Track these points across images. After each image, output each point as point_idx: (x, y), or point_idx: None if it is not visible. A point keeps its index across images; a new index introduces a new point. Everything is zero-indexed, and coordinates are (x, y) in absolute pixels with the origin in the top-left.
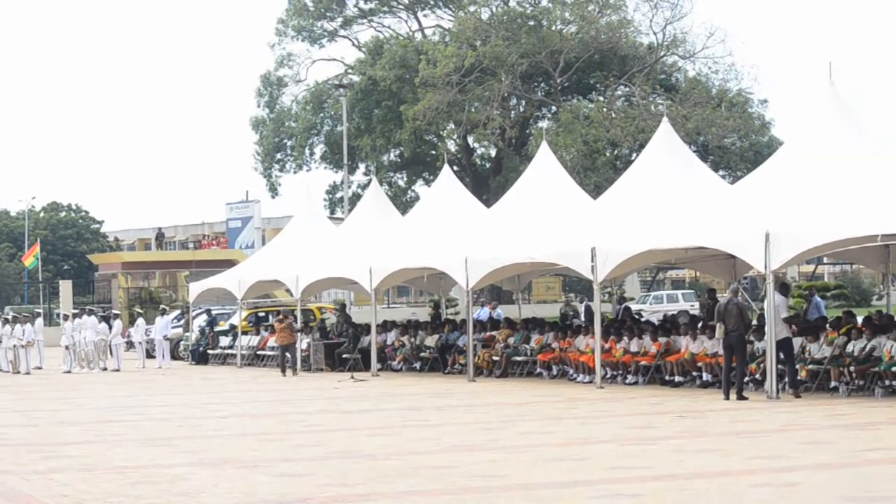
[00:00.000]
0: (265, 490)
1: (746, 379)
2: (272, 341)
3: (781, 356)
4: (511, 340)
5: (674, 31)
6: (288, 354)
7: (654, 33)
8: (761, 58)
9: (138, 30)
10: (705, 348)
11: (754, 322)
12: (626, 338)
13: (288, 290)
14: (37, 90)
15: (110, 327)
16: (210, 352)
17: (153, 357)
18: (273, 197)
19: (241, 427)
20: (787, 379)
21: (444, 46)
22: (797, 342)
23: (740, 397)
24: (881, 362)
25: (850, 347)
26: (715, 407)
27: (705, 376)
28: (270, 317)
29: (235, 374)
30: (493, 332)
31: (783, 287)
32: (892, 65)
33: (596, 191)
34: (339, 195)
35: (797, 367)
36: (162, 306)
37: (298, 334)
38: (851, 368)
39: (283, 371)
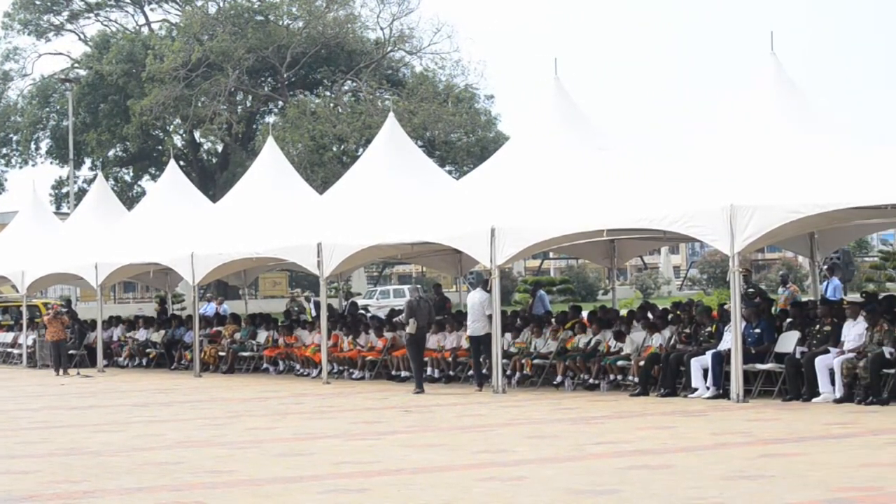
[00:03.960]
0: None
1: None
2: (21, 338)
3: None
4: (237, 336)
5: (401, 27)
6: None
7: (382, 29)
8: (488, 54)
9: None
10: (437, 342)
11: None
12: (352, 333)
13: (14, 286)
14: None
15: None
16: None
17: None
18: None
19: None
20: (473, 372)
21: (171, 41)
22: (523, 336)
23: (418, 391)
24: (605, 356)
25: (575, 342)
26: (441, 402)
27: (430, 370)
28: None
29: None
30: (220, 328)
31: (485, 283)
32: (615, 60)
33: (323, 186)
34: (65, 190)
35: (522, 361)
36: None
37: (69, 331)
38: (577, 362)
39: (57, 370)
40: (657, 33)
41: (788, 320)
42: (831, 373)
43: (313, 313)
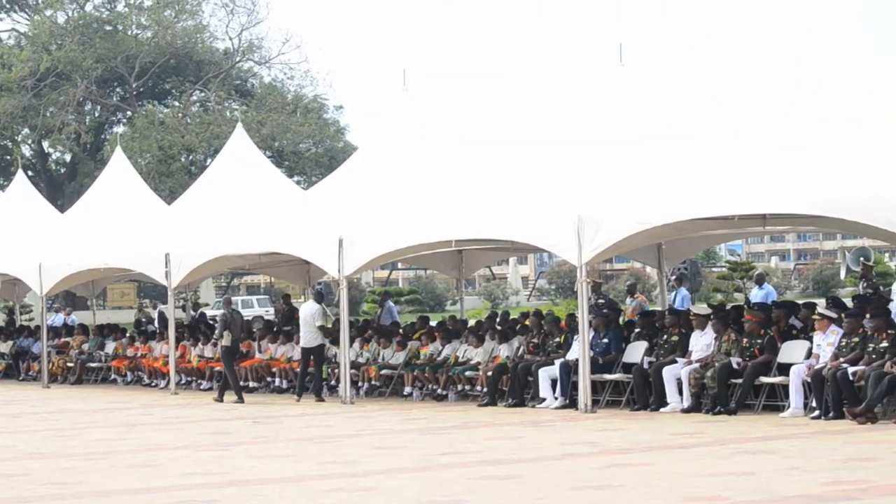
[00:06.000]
0: None
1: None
2: None
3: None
4: (85, 347)
5: (250, 37)
6: None
7: (230, 39)
8: (336, 64)
9: None
10: (284, 354)
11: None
12: (200, 343)
13: None
14: None
15: None
16: None
17: None
18: None
19: None
20: (313, 385)
21: (19, 50)
22: (371, 346)
23: (219, 399)
24: (453, 367)
25: (423, 352)
26: (289, 412)
27: (278, 381)
28: None
29: None
30: (68, 339)
31: (318, 295)
32: (465, 69)
33: (171, 196)
34: None
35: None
36: None
37: None
38: (425, 373)
39: None
40: (506, 43)
41: (636, 330)
42: (679, 383)
43: (155, 325)
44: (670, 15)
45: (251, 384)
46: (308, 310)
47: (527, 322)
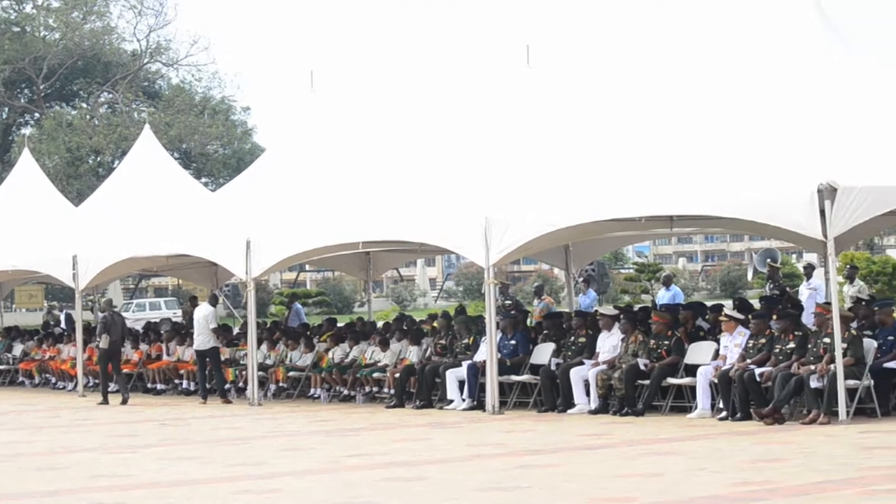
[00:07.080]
0: None
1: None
2: None
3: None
4: None
5: (157, 39)
6: None
7: (138, 40)
8: (244, 66)
9: None
10: (192, 356)
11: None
12: None
13: None
14: None
15: None
16: None
17: None
18: None
19: None
20: (198, 385)
21: None
22: (279, 348)
23: (123, 402)
24: (361, 368)
25: (331, 354)
26: (197, 414)
27: (186, 384)
28: None
29: None
30: None
31: (213, 298)
32: (372, 70)
33: (78, 198)
34: None
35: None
36: None
37: None
38: (332, 374)
39: None
40: (414, 44)
41: (544, 332)
42: (586, 384)
43: (62, 326)
44: (577, 18)
45: (159, 386)
46: (202, 312)
47: (434, 324)
